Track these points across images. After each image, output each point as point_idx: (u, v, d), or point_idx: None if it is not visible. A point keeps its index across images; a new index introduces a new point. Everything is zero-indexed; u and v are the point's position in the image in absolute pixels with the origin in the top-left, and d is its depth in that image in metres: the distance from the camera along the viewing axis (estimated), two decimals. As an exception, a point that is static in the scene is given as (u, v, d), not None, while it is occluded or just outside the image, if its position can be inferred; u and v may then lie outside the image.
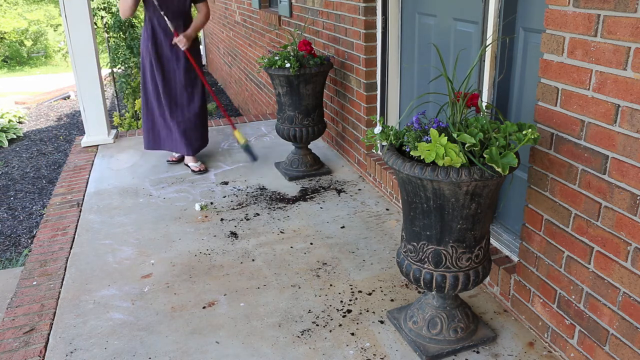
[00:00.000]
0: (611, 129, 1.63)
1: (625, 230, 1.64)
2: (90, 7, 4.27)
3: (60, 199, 3.54)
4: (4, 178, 6.23)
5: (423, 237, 1.87)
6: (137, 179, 3.82)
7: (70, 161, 4.24)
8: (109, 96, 9.47)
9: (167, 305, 2.40)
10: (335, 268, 2.65)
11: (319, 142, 4.40)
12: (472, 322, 2.10)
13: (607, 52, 1.60)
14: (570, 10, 1.71)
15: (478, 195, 1.75)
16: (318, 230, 3.02)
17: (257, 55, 6.30)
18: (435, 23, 2.87)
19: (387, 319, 2.26)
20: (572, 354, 1.94)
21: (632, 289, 1.65)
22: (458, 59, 2.34)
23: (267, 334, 2.20)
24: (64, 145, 7.39)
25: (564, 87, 1.79)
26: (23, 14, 18.09)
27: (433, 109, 2.85)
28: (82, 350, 2.14)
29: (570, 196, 1.83)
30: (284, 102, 3.59)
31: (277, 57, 3.43)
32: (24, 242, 4.76)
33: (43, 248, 2.92)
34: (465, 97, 1.82)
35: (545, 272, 2.01)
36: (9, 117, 8.28)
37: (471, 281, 1.91)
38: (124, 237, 3.01)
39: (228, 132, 4.82)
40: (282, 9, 4.78)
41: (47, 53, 17.85)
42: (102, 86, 4.51)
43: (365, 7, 3.26)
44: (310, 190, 3.54)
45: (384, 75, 3.39)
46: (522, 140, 1.70)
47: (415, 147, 1.74)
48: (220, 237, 2.98)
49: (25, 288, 2.56)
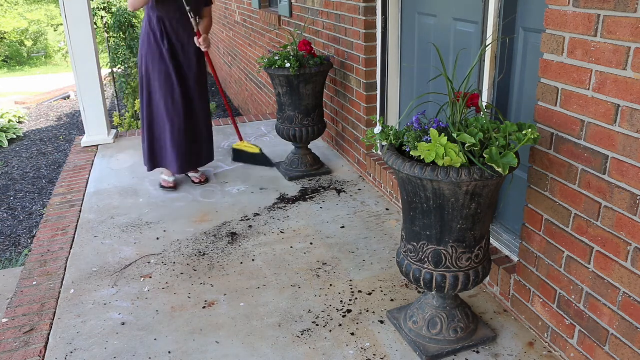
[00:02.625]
0: (611, 129, 1.63)
1: (625, 230, 1.64)
2: (90, 7, 4.27)
3: (60, 199, 3.54)
4: (4, 178, 6.23)
5: (423, 237, 1.87)
6: (137, 179, 3.82)
7: (70, 161, 4.24)
8: (109, 96, 9.47)
9: (167, 305, 2.40)
10: (335, 268, 2.65)
11: (319, 142, 4.40)
12: (472, 322, 2.10)
13: (607, 52, 1.60)
14: (570, 10, 1.71)
15: (478, 195, 1.75)
16: (318, 230, 3.02)
17: (257, 55, 6.30)
18: (435, 23, 2.87)
19: (387, 319, 2.26)
20: (572, 354, 1.94)
21: (632, 289, 1.65)
22: (458, 59, 2.34)
23: (267, 334, 2.20)
24: (64, 145, 7.39)
25: (564, 87, 1.79)
26: (23, 14, 18.10)
27: (433, 109, 2.85)
28: (82, 350, 2.14)
29: (570, 196, 1.83)
30: (284, 102, 3.59)
31: (277, 57, 3.43)
32: (24, 242, 4.76)
33: (43, 248, 2.92)
34: (465, 97, 1.82)
35: (545, 272, 2.01)
36: (9, 117, 8.28)
37: (471, 281, 1.91)
38: (124, 237, 3.01)
39: (228, 132, 4.82)
40: (282, 9, 4.78)
41: (47, 53, 17.86)
42: (102, 86, 4.51)
43: (365, 7, 3.26)
44: (310, 190, 3.54)
45: (384, 75, 3.39)
46: (522, 140, 1.70)
47: (415, 147, 1.74)
48: (220, 237, 2.98)
49: (25, 288, 2.56)
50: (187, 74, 3.40)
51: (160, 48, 3.30)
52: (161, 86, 3.35)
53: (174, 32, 3.31)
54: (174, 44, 3.33)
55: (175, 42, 3.32)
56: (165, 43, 3.29)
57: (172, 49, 3.32)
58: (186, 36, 3.35)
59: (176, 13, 3.28)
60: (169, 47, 3.31)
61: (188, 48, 3.38)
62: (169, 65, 3.32)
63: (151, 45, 3.30)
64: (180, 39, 3.34)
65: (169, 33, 3.30)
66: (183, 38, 3.35)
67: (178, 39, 3.33)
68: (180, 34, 3.33)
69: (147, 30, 3.32)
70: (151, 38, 3.30)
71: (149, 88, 3.39)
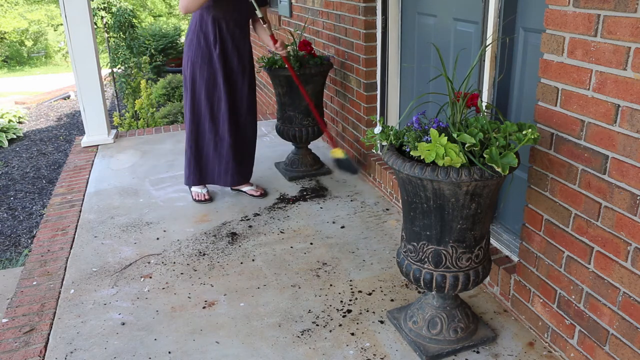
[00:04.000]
0: (611, 129, 1.63)
1: (625, 230, 1.64)
2: (90, 7, 4.27)
3: (60, 199, 3.54)
4: (4, 178, 6.23)
5: (423, 237, 1.87)
6: (137, 179, 3.82)
7: (70, 161, 4.24)
8: (109, 96, 9.48)
9: (167, 305, 2.40)
10: (335, 268, 2.65)
11: (319, 142, 4.40)
12: (472, 322, 2.10)
13: (607, 52, 1.60)
14: (570, 10, 1.71)
15: (478, 195, 1.75)
16: (318, 230, 3.02)
17: (257, 55, 6.30)
18: (435, 23, 2.87)
19: (387, 319, 2.26)
20: (572, 354, 1.94)
21: (632, 289, 1.65)
22: (458, 59, 2.34)
23: (267, 334, 2.20)
24: (64, 145, 7.39)
25: (564, 87, 1.79)
26: (23, 13, 18.10)
27: (433, 109, 2.85)
28: (82, 350, 2.14)
29: (570, 196, 1.83)
30: (284, 102, 3.59)
31: (277, 57, 3.43)
32: (24, 242, 4.76)
33: (43, 248, 2.92)
34: (465, 97, 1.82)
35: (545, 272, 2.01)
36: (9, 117, 8.28)
37: (471, 281, 1.91)
38: (124, 237, 3.01)
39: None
40: (282, 9, 4.78)
41: (47, 53, 17.86)
42: (102, 86, 4.52)
43: (365, 7, 3.26)
44: (310, 190, 3.54)
45: (384, 75, 3.39)
46: (522, 140, 1.70)
47: (415, 147, 1.74)
48: (220, 237, 2.98)
49: (25, 288, 2.56)
50: (239, 80, 3.14)
51: (210, 52, 3.02)
52: (208, 94, 3.10)
53: (229, 34, 3.03)
54: (228, 48, 3.05)
55: (229, 46, 3.05)
56: (218, 47, 3.01)
57: (224, 54, 3.04)
58: (242, 39, 3.10)
59: (234, 13, 3.01)
60: (221, 51, 3.03)
61: (244, 52, 3.13)
62: (218, 71, 3.05)
63: (201, 48, 3.02)
64: (237, 43, 3.07)
65: (224, 36, 3.02)
66: (239, 41, 3.08)
67: (234, 43, 3.06)
68: (237, 37, 3.06)
69: (196, 31, 3.02)
70: (201, 40, 3.01)
71: (194, 95, 3.12)
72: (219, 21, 2.98)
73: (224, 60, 3.06)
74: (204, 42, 3.01)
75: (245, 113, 3.23)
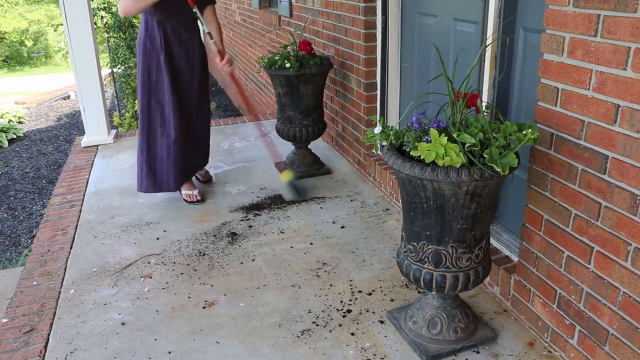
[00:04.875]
0: (611, 129, 1.63)
1: (625, 230, 1.64)
2: (90, 7, 4.27)
3: (60, 199, 3.54)
4: (4, 178, 6.23)
5: (423, 237, 1.87)
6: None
7: (70, 161, 4.25)
8: (109, 96, 9.47)
9: (167, 305, 2.40)
10: (335, 268, 2.65)
11: (319, 142, 4.39)
12: (472, 322, 2.10)
13: (607, 52, 1.60)
14: (570, 10, 1.71)
15: (478, 195, 1.75)
16: (318, 230, 3.02)
17: (257, 55, 6.30)
18: (435, 23, 2.87)
19: (387, 319, 2.26)
20: (572, 354, 1.94)
21: (632, 289, 1.65)
22: (458, 59, 2.34)
23: (267, 334, 2.20)
24: (64, 145, 7.39)
25: (564, 87, 1.79)
26: (23, 13, 18.10)
27: (433, 109, 2.85)
28: (82, 350, 2.14)
29: (570, 196, 1.83)
30: (284, 102, 3.59)
31: (277, 57, 3.43)
32: (24, 242, 4.76)
33: (43, 248, 2.92)
34: (465, 97, 1.82)
35: (545, 272, 2.01)
36: (9, 117, 8.27)
37: (471, 281, 1.91)
38: (124, 237, 3.01)
39: (228, 132, 4.82)
40: (282, 9, 4.78)
41: (47, 53, 17.86)
42: (102, 86, 4.51)
43: (365, 7, 3.26)
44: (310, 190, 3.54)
45: (384, 75, 3.39)
46: (522, 140, 1.70)
47: (415, 147, 1.74)
48: (220, 237, 2.98)
49: (25, 288, 2.56)
50: (189, 81, 3.13)
51: (158, 56, 3.02)
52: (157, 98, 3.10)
53: (176, 37, 3.02)
54: (175, 51, 3.04)
55: (176, 49, 3.04)
56: (164, 51, 3.00)
57: (170, 58, 3.04)
58: (190, 40, 3.09)
59: (179, 16, 3.01)
60: (168, 55, 3.02)
61: (193, 54, 3.10)
62: (166, 76, 3.04)
63: (148, 52, 3.03)
64: (185, 45, 3.07)
65: (169, 39, 3.01)
66: (187, 43, 3.07)
67: (182, 46, 3.06)
68: (184, 39, 3.05)
69: (143, 36, 3.03)
70: (148, 45, 3.02)
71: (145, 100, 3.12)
72: (164, 25, 2.98)
73: (171, 64, 3.06)
74: (151, 47, 3.02)
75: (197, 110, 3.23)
